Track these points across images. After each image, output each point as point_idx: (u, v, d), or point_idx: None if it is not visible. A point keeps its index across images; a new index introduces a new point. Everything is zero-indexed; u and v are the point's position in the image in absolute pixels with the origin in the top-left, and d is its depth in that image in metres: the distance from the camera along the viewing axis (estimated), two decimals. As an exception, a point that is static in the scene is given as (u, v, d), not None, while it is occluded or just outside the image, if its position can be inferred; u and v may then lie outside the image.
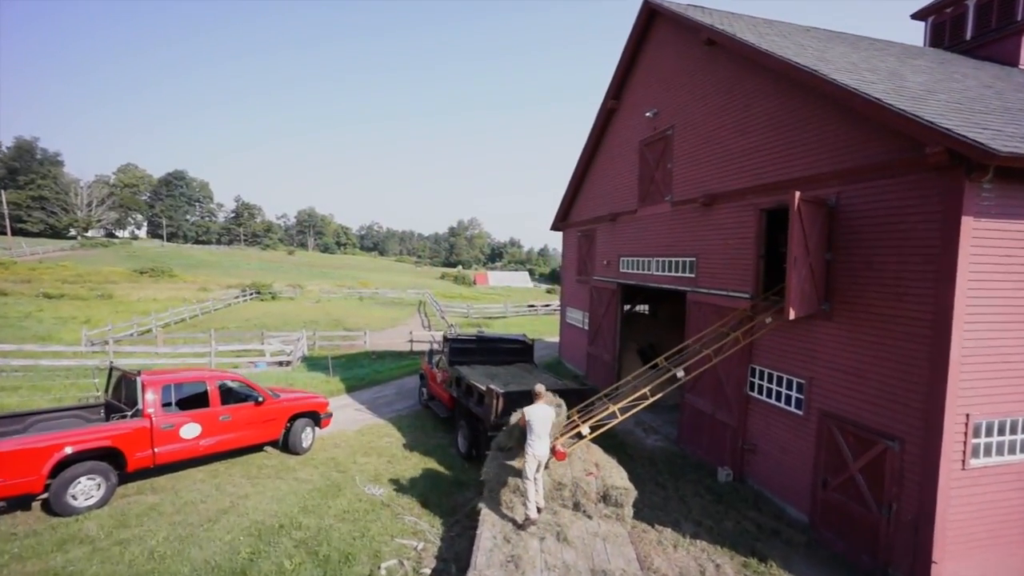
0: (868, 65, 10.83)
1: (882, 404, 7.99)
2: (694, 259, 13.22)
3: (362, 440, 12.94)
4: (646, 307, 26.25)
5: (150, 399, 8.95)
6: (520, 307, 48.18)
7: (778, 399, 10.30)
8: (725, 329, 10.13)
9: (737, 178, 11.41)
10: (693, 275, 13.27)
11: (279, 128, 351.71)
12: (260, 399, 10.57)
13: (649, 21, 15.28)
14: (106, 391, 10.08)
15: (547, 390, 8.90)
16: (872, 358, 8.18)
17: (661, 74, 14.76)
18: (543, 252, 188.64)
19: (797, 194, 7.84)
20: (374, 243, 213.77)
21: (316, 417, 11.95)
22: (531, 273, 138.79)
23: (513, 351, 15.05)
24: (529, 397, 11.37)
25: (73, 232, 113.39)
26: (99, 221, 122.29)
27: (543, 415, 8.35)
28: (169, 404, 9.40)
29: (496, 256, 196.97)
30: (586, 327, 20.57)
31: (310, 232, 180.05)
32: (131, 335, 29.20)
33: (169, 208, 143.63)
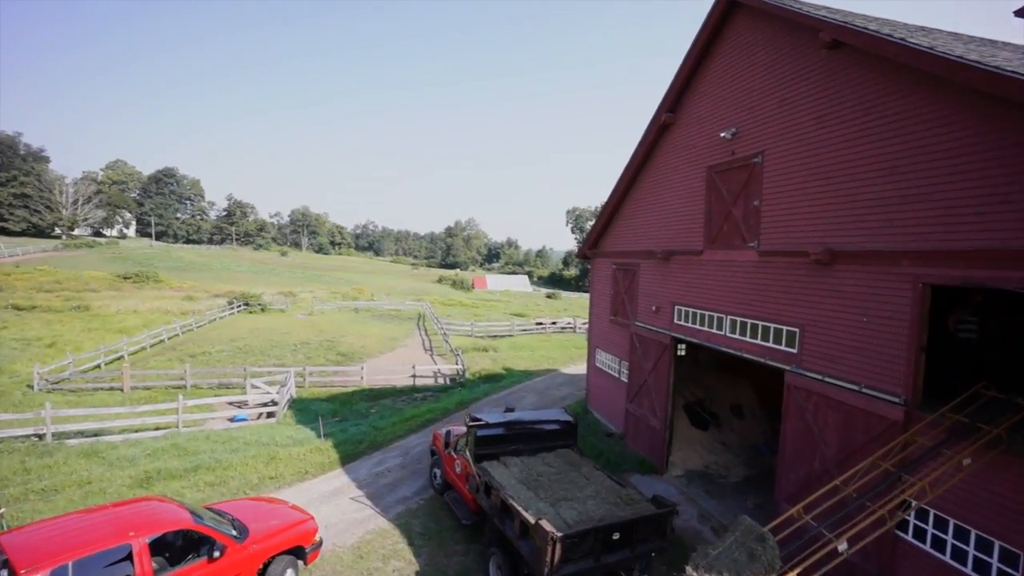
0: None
1: None
2: (796, 330, 10.12)
3: (361, 569, 9.77)
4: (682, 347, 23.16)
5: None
6: (527, 324, 45.00)
7: (960, 560, 7.22)
8: (888, 465, 7.01)
9: (881, 234, 8.31)
10: (794, 350, 10.17)
11: (275, 126, 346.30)
12: (217, 552, 7.37)
13: (726, 15, 12.13)
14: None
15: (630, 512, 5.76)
16: None
17: (744, 84, 11.63)
18: (541, 253, 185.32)
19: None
20: (369, 243, 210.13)
21: (300, 552, 8.78)
22: (530, 276, 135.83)
23: (553, 434, 11.93)
24: (598, 533, 8.36)
25: (58, 231, 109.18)
26: (85, 220, 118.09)
27: None
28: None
29: (493, 257, 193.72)
30: (623, 378, 17.47)
31: (304, 231, 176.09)
32: (97, 365, 25.87)
33: (159, 206, 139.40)
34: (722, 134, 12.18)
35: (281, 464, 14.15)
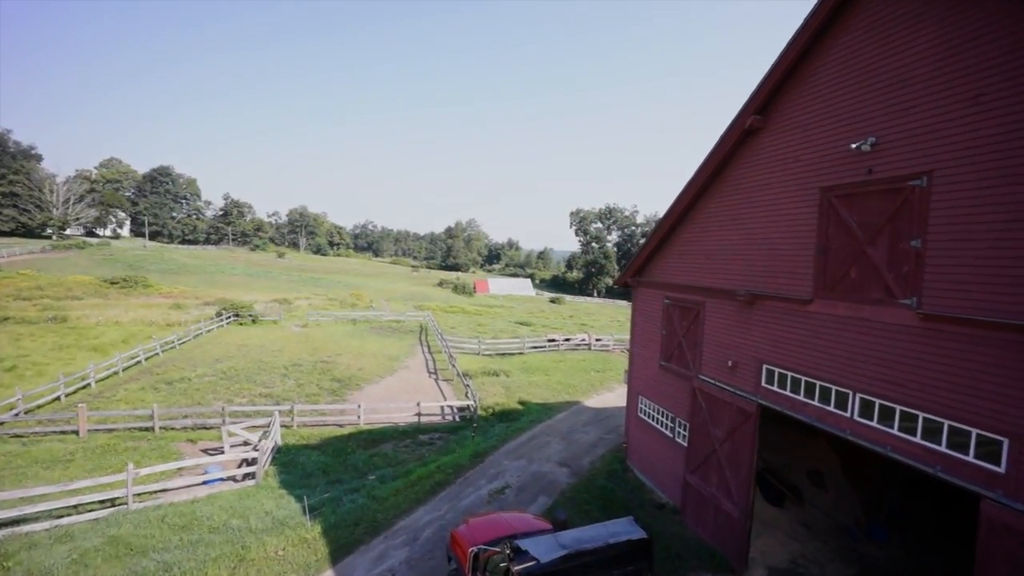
0: None
1: None
2: (1002, 440, 6.83)
3: None
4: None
5: None
6: (538, 340, 41.58)
7: None
8: None
9: None
10: (998, 469, 6.89)
11: (273, 124, 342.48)
12: None
13: (862, -16, 8.83)
14: None
15: None
16: None
17: (890, 76, 8.33)
18: (542, 255, 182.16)
19: None
20: (368, 243, 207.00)
21: None
22: (531, 278, 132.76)
23: (623, 558, 8.64)
24: None
25: (49, 231, 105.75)
26: (77, 219, 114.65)
27: None
28: None
29: (494, 258, 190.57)
30: (679, 440, 14.19)
31: (302, 232, 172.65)
32: (57, 398, 22.54)
33: (154, 205, 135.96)
34: (852, 145, 8.88)
35: (252, 569, 10.87)
